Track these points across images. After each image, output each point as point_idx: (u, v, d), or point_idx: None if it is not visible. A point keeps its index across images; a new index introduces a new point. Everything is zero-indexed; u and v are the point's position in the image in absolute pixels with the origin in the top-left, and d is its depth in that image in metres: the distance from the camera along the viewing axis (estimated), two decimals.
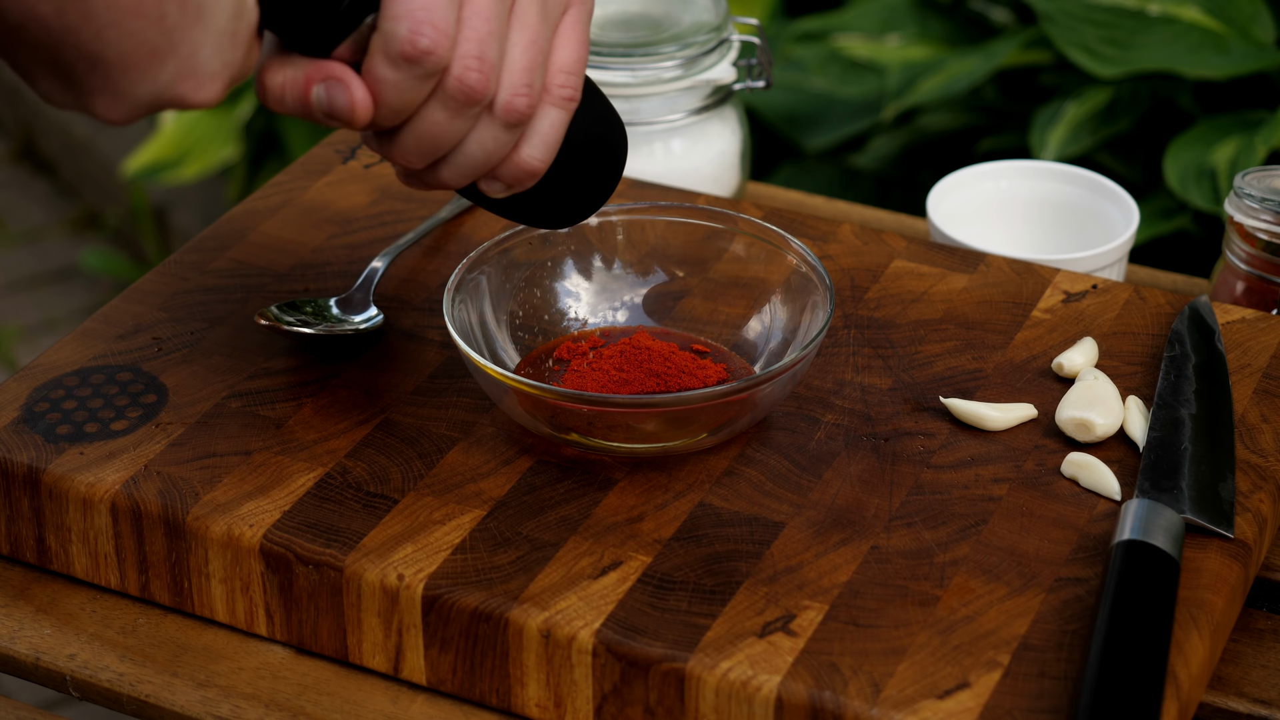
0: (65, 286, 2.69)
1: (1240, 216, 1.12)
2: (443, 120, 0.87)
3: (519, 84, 0.87)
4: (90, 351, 1.05)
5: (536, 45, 0.87)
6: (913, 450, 0.98)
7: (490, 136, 0.88)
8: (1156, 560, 0.89)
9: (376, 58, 0.85)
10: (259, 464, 0.97)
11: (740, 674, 0.86)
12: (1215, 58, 1.61)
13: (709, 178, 1.25)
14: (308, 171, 1.19)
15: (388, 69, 0.85)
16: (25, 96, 2.92)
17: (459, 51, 0.85)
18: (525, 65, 0.87)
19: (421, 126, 0.87)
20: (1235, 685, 0.93)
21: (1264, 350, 1.05)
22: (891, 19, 1.84)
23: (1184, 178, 1.56)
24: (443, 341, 1.05)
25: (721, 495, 0.96)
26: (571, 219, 0.97)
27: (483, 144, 0.88)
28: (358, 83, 0.85)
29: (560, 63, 0.89)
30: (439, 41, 0.84)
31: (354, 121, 0.86)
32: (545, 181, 0.93)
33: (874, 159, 1.87)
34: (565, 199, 0.95)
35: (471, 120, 0.87)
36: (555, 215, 0.96)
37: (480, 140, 0.88)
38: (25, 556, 1.00)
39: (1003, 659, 0.87)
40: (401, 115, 0.87)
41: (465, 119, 0.87)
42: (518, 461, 0.98)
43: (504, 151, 0.89)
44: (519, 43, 0.87)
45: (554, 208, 0.95)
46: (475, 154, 0.89)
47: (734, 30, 1.25)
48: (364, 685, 0.94)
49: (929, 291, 1.09)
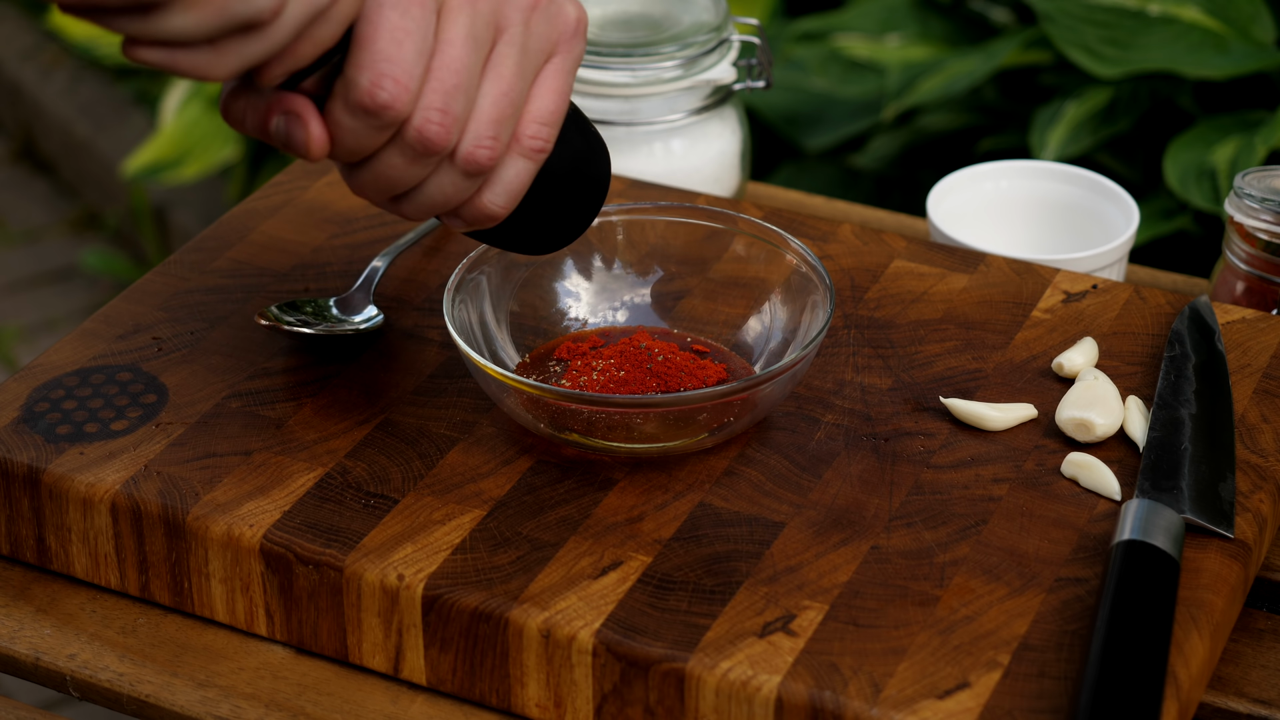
0: (65, 286, 2.69)
1: (1240, 216, 1.12)
2: (400, 165, 0.86)
3: (483, 136, 0.86)
4: (90, 351, 1.05)
5: (508, 98, 0.86)
6: (913, 450, 0.98)
7: (450, 182, 0.87)
8: (1156, 560, 0.89)
9: (336, 102, 0.84)
10: (259, 464, 0.97)
11: (740, 674, 0.86)
12: (1215, 58, 1.61)
13: (709, 178, 1.25)
14: (308, 171, 1.19)
15: (345, 115, 0.84)
16: (25, 96, 2.92)
17: (422, 103, 0.84)
18: (493, 118, 0.86)
19: (379, 168, 0.86)
20: (1235, 685, 0.93)
21: (1264, 350, 1.05)
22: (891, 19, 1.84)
23: (1184, 178, 1.56)
24: (443, 341, 1.05)
25: (721, 495, 0.96)
26: (546, 249, 0.96)
27: (441, 188, 0.87)
28: (316, 120, 0.84)
29: (535, 113, 0.88)
30: (398, 96, 0.83)
31: (309, 157, 0.85)
32: (517, 216, 0.92)
33: (874, 159, 1.87)
34: (538, 232, 0.94)
35: (430, 167, 0.87)
36: (530, 245, 0.96)
37: (439, 185, 0.87)
38: (25, 556, 1.00)
39: (1003, 659, 0.87)
40: (358, 156, 0.86)
41: (424, 166, 0.86)
42: (518, 461, 0.98)
43: (464, 196, 0.88)
44: (489, 94, 0.86)
45: (528, 239, 0.95)
46: (434, 196, 0.88)
47: (734, 30, 1.25)
48: (364, 685, 0.94)
49: (929, 291, 1.09)
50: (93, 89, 2.86)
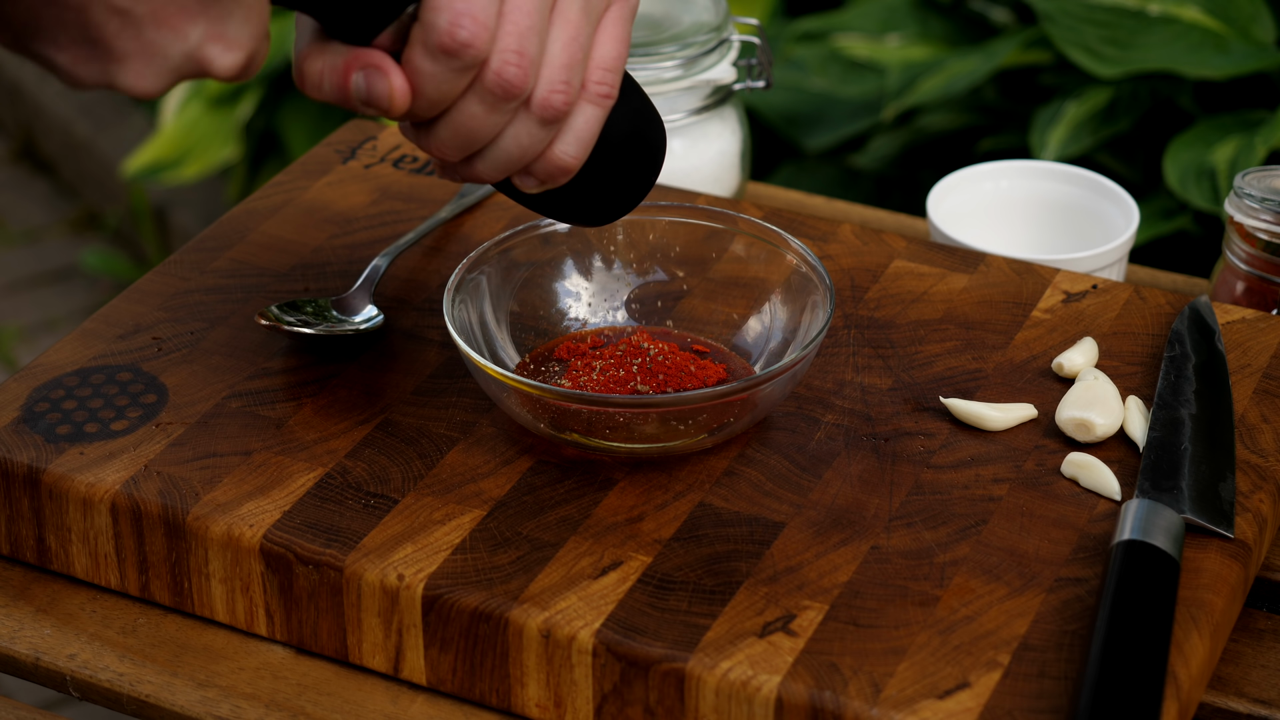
0: (65, 286, 2.69)
1: (1240, 216, 1.12)
2: (480, 114, 0.87)
3: (557, 80, 0.87)
4: (90, 351, 1.05)
5: (577, 42, 0.87)
6: (913, 450, 0.98)
7: (526, 132, 0.88)
8: (1156, 560, 0.89)
9: (416, 48, 0.85)
10: (259, 464, 0.97)
11: (740, 674, 0.86)
12: (1215, 58, 1.61)
13: (709, 178, 1.25)
14: (308, 171, 1.19)
15: (426, 60, 0.85)
16: (25, 96, 2.92)
17: (498, 45, 0.85)
18: (564, 62, 0.87)
19: (458, 119, 0.87)
20: (1235, 685, 0.93)
21: (1264, 350, 1.05)
22: (891, 19, 1.84)
23: (1184, 178, 1.56)
24: (443, 341, 1.05)
25: (721, 495, 0.96)
26: (607, 216, 0.96)
27: (518, 139, 0.88)
28: (397, 72, 0.85)
29: (600, 59, 0.88)
30: (478, 35, 0.84)
31: (391, 111, 0.86)
32: (581, 178, 0.92)
33: (874, 159, 1.87)
34: (601, 196, 0.95)
35: (508, 115, 0.87)
36: (590, 212, 0.96)
37: (516, 135, 0.88)
38: (25, 556, 1.00)
39: (1003, 659, 0.87)
40: (439, 107, 0.86)
41: (502, 113, 0.87)
42: (518, 461, 0.98)
43: (539, 147, 0.89)
44: (559, 38, 0.87)
45: (589, 204, 0.95)
46: (510, 149, 0.88)
47: (734, 30, 1.25)
48: (364, 685, 0.94)
49: (929, 291, 1.09)
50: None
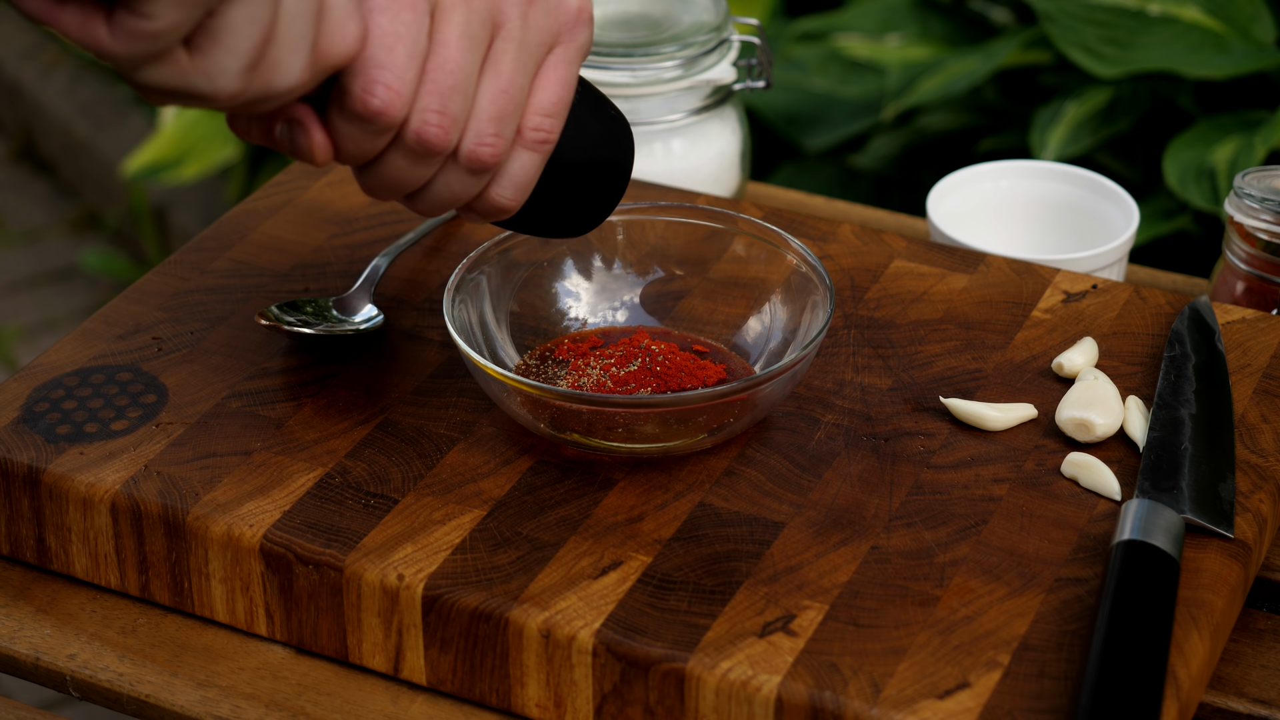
0: (65, 286, 2.69)
1: (1240, 216, 1.12)
2: (404, 166, 0.86)
3: (485, 133, 0.86)
4: (90, 351, 1.05)
5: (507, 94, 0.86)
6: (913, 450, 0.98)
7: (456, 180, 0.87)
8: (1156, 560, 0.89)
9: (333, 108, 0.84)
10: (259, 464, 0.97)
11: (740, 674, 0.86)
12: (1215, 58, 1.61)
13: (709, 178, 1.25)
14: (308, 171, 1.19)
15: (342, 122, 0.84)
16: (25, 96, 2.92)
17: (419, 105, 0.84)
18: (493, 114, 0.86)
19: (385, 170, 0.86)
20: (1235, 685, 0.93)
21: (1264, 350, 1.05)
22: (891, 19, 1.84)
23: (1184, 178, 1.56)
24: (443, 341, 1.05)
25: (721, 495, 0.96)
26: (573, 232, 0.96)
27: (449, 186, 0.88)
28: (318, 127, 0.84)
29: (538, 105, 0.88)
30: (391, 102, 0.83)
31: (315, 162, 0.85)
32: (535, 205, 0.92)
33: (874, 159, 1.87)
34: (560, 217, 0.95)
35: (434, 167, 0.86)
36: (553, 229, 0.96)
37: (446, 183, 0.87)
38: (25, 556, 1.00)
39: (1003, 659, 0.87)
40: (362, 160, 0.86)
41: (428, 166, 0.86)
42: (518, 461, 0.98)
43: (473, 192, 0.88)
44: (488, 91, 0.86)
45: (550, 224, 0.95)
46: (442, 194, 0.88)
47: (734, 30, 1.25)
48: (364, 685, 0.94)
49: (929, 291, 1.09)
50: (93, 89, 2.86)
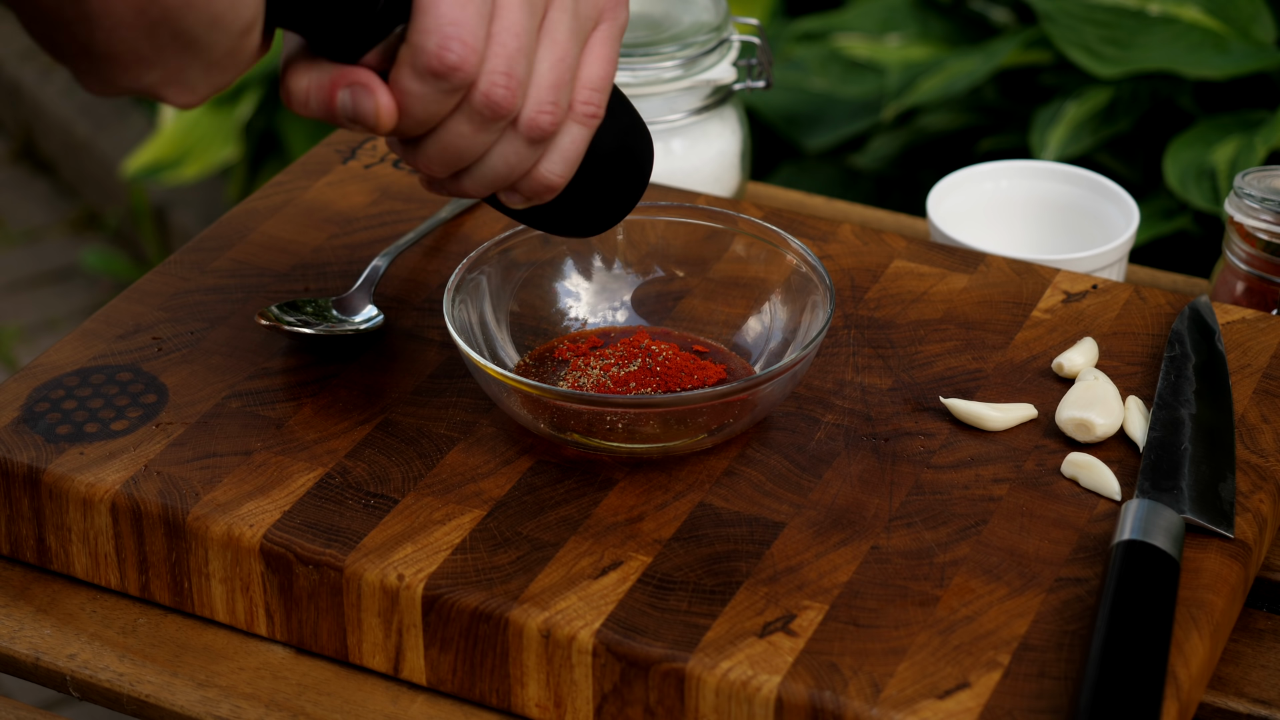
0: (65, 286, 2.69)
1: (1240, 216, 1.12)
2: (467, 133, 0.86)
3: (545, 101, 0.87)
4: (90, 351, 1.05)
5: (564, 62, 0.87)
6: (913, 450, 0.98)
7: (513, 151, 0.88)
8: (1156, 560, 0.89)
9: (403, 69, 0.84)
10: (259, 464, 0.97)
11: (740, 674, 0.86)
12: (1215, 58, 1.61)
13: (709, 178, 1.25)
14: (308, 171, 1.19)
15: (414, 81, 0.84)
16: (25, 96, 2.92)
17: (487, 67, 0.85)
18: (552, 82, 0.87)
19: (446, 138, 0.87)
20: (1235, 685, 0.93)
21: (1264, 350, 1.05)
22: (891, 19, 1.84)
23: (1184, 178, 1.56)
24: (443, 341, 1.05)
25: (721, 495, 0.96)
26: (594, 229, 0.96)
27: (505, 158, 0.88)
28: (383, 90, 0.85)
29: (587, 79, 0.88)
30: (467, 58, 0.84)
31: (378, 129, 0.85)
32: (567, 193, 0.93)
33: (874, 159, 1.87)
34: (587, 210, 0.95)
35: (495, 134, 0.87)
36: (577, 225, 0.96)
37: (503, 154, 0.88)
38: (25, 556, 1.00)
39: (1003, 659, 0.87)
40: (426, 126, 0.86)
41: (490, 133, 0.87)
42: (518, 461, 0.98)
43: (525, 166, 0.89)
44: (547, 59, 0.87)
45: (576, 218, 0.95)
46: (497, 167, 0.88)
47: (734, 30, 1.25)
48: (364, 685, 0.94)
49: (929, 291, 1.09)
50: None
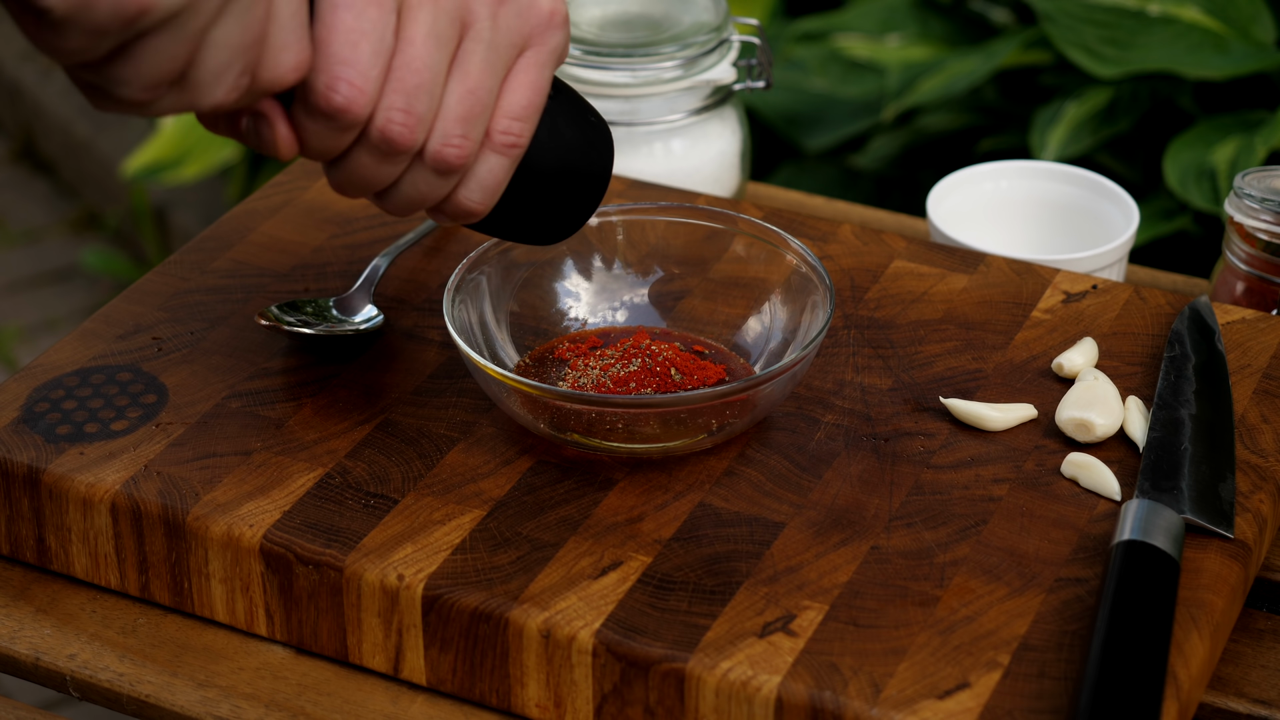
0: (65, 286, 2.69)
1: (1240, 216, 1.12)
2: (370, 164, 0.86)
3: (451, 135, 0.85)
4: (90, 351, 1.05)
5: (474, 95, 0.85)
6: (913, 450, 0.98)
7: (423, 180, 0.87)
8: (1156, 560, 0.89)
9: (297, 105, 0.84)
10: (259, 464, 0.97)
11: (740, 674, 0.86)
12: (1215, 58, 1.61)
13: (709, 178, 1.25)
14: (308, 171, 1.19)
15: (306, 118, 0.84)
16: (25, 96, 2.92)
17: (384, 103, 0.83)
18: (460, 115, 0.85)
19: (351, 166, 0.86)
20: (1235, 685, 0.93)
21: (1264, 350, 1.05)
22: (891, 19, 1.84)
23: (1184, 178, 1.56)
24: (443, 341, 1.05)
25: (721, 495, 0.96)
26: (547, 240, 0.96)
27: (415, 186, 0.87)
28: (283, 121, 0.84)
29: (507, 108, 0.87)
30: (354, 99, 0.82)
31: (279, 157, 0.85)
32: (509, 210, 0.92)
33: (874, 159, 1.87)
34: (535, 224, 0.94)
35: (401, 165, 0.86)
36: (529, 237, 0.95)
37: (413, 182, 0.87)
38: (25, 556, 1.00)
39: (1003, 659, 0.87)
40: (327, 156, 0.86)
41: (394, 165, 0.86)
42: (518, 461, 0.98)
43: (440, 194, 0.88)
44: (456, 92, 0.85)
45: (525, 231, 0.95)
46: (409, 194, 0.87)
47: (734, 30, 1.25)
48: (364, 685, 0.94)
49: (929, 292, 1.09)
50: None
